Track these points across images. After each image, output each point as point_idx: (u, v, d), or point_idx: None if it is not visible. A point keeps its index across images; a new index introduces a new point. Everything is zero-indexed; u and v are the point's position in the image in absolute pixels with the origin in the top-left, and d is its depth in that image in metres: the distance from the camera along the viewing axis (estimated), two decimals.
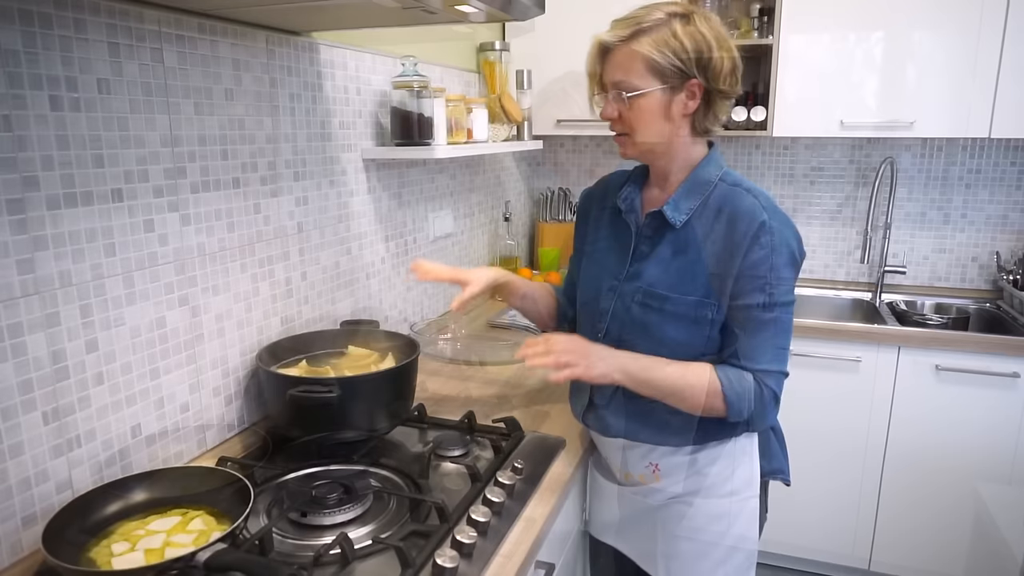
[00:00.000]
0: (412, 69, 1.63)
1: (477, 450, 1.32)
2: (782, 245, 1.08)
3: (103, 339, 1.06)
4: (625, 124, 1.14)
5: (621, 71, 1.10)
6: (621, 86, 1.11)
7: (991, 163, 2.48)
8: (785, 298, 1.10)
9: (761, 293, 1.09)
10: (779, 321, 1.11)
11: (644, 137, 1.13)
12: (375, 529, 1.05)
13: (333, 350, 1.45)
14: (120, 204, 1.07)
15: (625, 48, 1.09)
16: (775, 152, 2.70)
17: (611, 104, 1.13)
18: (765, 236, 1.07)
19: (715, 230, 1.11)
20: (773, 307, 1.09)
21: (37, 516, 0.98)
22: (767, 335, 1.10)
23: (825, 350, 2.18)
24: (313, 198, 1.52)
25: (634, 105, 1.11)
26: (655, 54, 1.07)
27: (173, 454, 1.21)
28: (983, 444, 2.10)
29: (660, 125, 1.12)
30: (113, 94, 1.04)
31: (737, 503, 1.20)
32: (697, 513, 1.20)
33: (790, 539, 2.37)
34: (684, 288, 1.12)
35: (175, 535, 0.95)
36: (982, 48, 2.11)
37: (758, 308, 1.09)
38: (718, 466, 1.19)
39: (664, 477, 1.22)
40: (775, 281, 1.08)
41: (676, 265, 1.14)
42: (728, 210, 1.11)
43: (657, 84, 1.09)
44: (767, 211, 1.09)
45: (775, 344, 1.11)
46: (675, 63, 1.08)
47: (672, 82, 1.09)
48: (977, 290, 2.56)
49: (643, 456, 1.23)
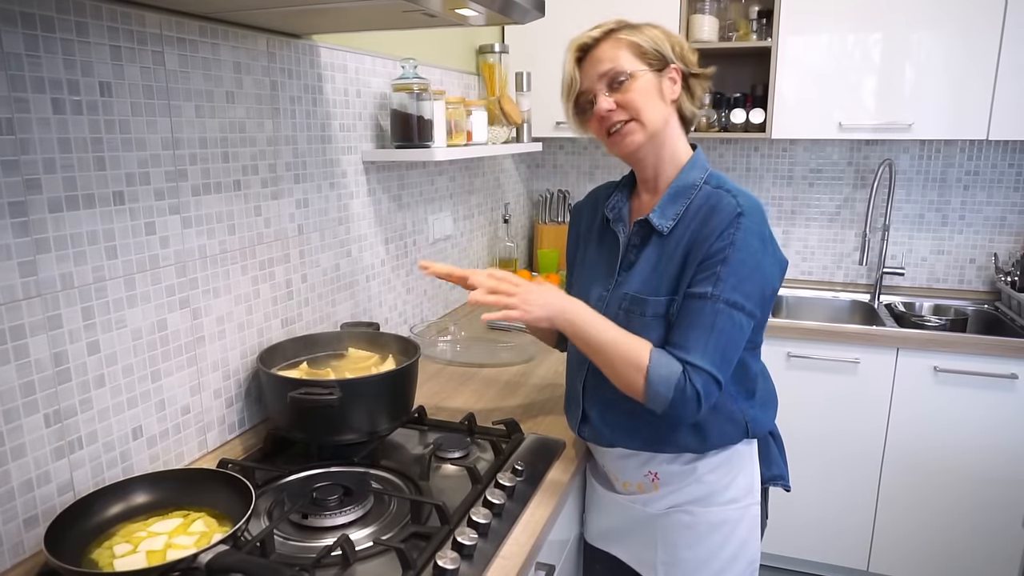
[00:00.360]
0: (412, 71, 1.64)
1: (477, 452, 1.32)
2: (744, 244, 1.06)
3: (104, 341, 1.06)
4: (628, 108, 1.12)
5: (607, 61, 1.12)
6: (612, 73, 1.12)
7: (989, 165, 2.48)
8: (731, 296, 1.05)
9: (707, 283, 1.06)
10: (720, 317, 1.05)
11: (649, 115, 1.12)
12: (376, 531, 1.05)
13: (333, 352, 1.46)
14: (121, 207, 1.07)
15: (608, 40, 1.13)
16: (774, 154, 2.71)
17: (604, 98, 1.13)
18: (729, 230, 1.06)
19: (692, 230, 1.11)
20: (716, 300, 1.05)
21: (39, 518, 0.99)
22: (704, 328, 1.05)
23: (824, 352, 2.19)
24: (313, 200, 1.53)
25: (631, 87, 1.12)
26: (639, 40, 1.12)
27: (174, 456, 1.22)
28: (981, 445, 2.10)
29: (658, 103, 1.13)
30: (115, 97, 1.05)
31: (738, 510, 1.20)
32: (698, 521, 1.19)
33: (788, 540, 2.37)
34: (660, 289, 1.12)
35: (177, 537, 0.96)
36: (980, 50, 2.12)
37: (699, 298, 1.06)
38: (718, 474, 1.19)
39: (663, 486, 1.22)
40: (724, 275, 1.05)
41: (660, 269, 1.13)
42: (706, 210, 1.11)
43: (644, 66, 1.12)
44: (742, 208, 1.08)
45: (712, 341, 1.05)
46: (657, 48, 1.13)
47: (657, 66, 1.13)
48: (975, 292, 2.57)
49: (641, 465, 1.23)
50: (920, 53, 2.17)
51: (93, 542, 0.94)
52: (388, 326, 1.87)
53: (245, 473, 1.12)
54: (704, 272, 1.07)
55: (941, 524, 2.20)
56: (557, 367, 1.77)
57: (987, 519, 2.15)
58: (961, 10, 2.11)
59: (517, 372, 1.75)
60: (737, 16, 2.54)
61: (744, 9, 2.53)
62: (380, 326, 1.62)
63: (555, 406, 1.52)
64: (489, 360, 1.82)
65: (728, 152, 2.76)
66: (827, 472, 2.28)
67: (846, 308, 2.60)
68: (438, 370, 1.78)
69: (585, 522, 1.39)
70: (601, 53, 1.13)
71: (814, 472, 2.29)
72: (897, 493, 2.22)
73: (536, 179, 3.01)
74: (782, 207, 2.74)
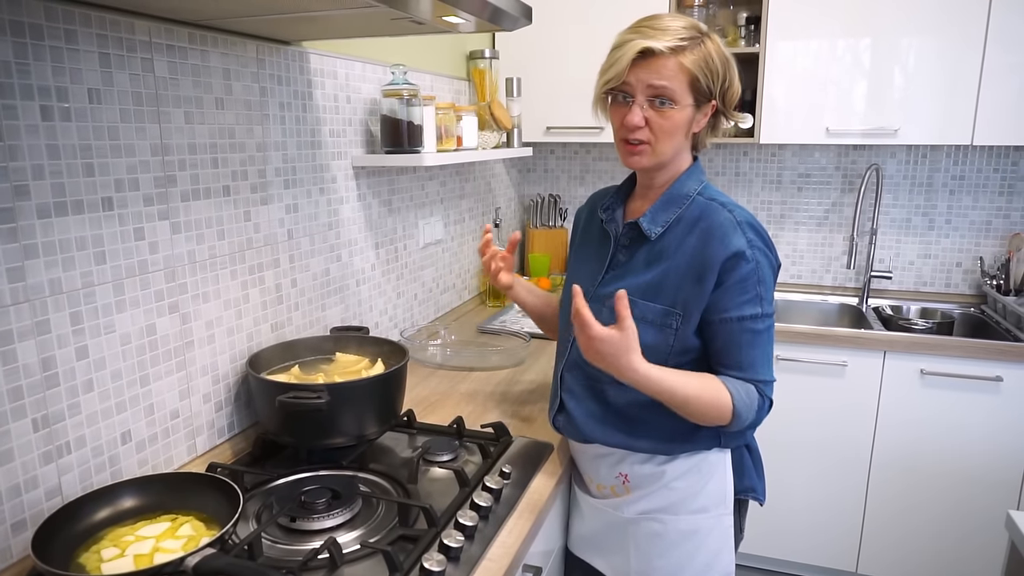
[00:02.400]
0: (402, 77, 1.65)
1: (466, 455, 1.33)
2: (763, 257, 1.11)
3: (93, 346, 1.07)
4: (653, 133, 1.11)
5: (665, 79, 1.08)
6: (663, 93, 1.08)
7: (974, 170, 2.51)
8: (771, 308, 1.14)
9: (753, 305, 1.11)
10: (770, 331, 1.14)
11: (666, 147, 1.13)
12: (363, 534, 1.06)
13: (323, 356, 1.47)
14: (110, 212, 1.08)
15: (673, 59, 1.07)
16: (763, 158, 2.73)
17: (638, 111, 1.10)
18: (749, 251, 1.09)
19: (688, 243, 1.13)
20: (766, 318, 1.12)
21: (27, 522, 0.99)
22: (762, 345, 1.13)
23: (812, 355, 2.21)
24: (303, 205, 1.54)
25: (668, 116, 1.10)
26: (699, 73, 1.09)
27: (163, 460, 1.22)
28: (967, 446, 2.13)
29: (679, 140, 1.14)
30: (104, 104, 1.05)
31: (709, 520, 1.20)
32: (668, 530, 1.20)
33: (775, 544, 2.38)
34: (653, 296, 1.14)
35: (164, 541, 0.96)
36: (964, 57, 2.14)
37: (751, 319, 1.11)
38: (687, 481, 1.19)
39: (634, 489, 1.23)
40: (764, 293, 1.11)
41: (649, 274, 1.16)
42: (703, 224, 1.13)
43: (691, 101, 1.11)
44: (742, 226, 1.11)
45: (768, 353, 1.14)
46: (711, 85, 1.10)
47: (701, 101, 1.12)
48: (961, 295, 2.59)
49: (613, 466, 1.24)
50: (906, 60, 2.20)
51: (81, 546, 0.95)
52: (378, 330, 1.88)
53: (234, 477, 1.13)
54: (743, 296, 1.10)
55: (928, 524, 2.22)
56: (547, 370, 1.78)
57: (971, 520, 2.17)
58: (946, 18, 2.14)
59: (507, 376, 1.76)
60: (726, 22, 2.57)
61: (732, 15, 2.55)
62: (370, 330, 1.63)
63: (543, 410, 1.53)
64: (479, 364, 1.83)
65: (717, 157, 2.78)
66: (815, 474, 2.29)
67: (834, 311, 2.62)
68: (428, 374, 1.79)
69: (568, 528, 1.40)
70: (659, 68, 1.08)
71: (802, 474, 2.30)
72: (884, 494, 2.24)
73: (527, 184, 3.02)
74: (771, 211, 2.76)
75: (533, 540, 1.13)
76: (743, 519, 1.28)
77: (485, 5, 1.13)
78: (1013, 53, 2.10)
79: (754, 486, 1.26)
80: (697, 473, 1.19)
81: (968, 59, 2.14)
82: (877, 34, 2.21)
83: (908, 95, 2.22)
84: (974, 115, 2.17)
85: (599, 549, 1.30)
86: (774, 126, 2.36)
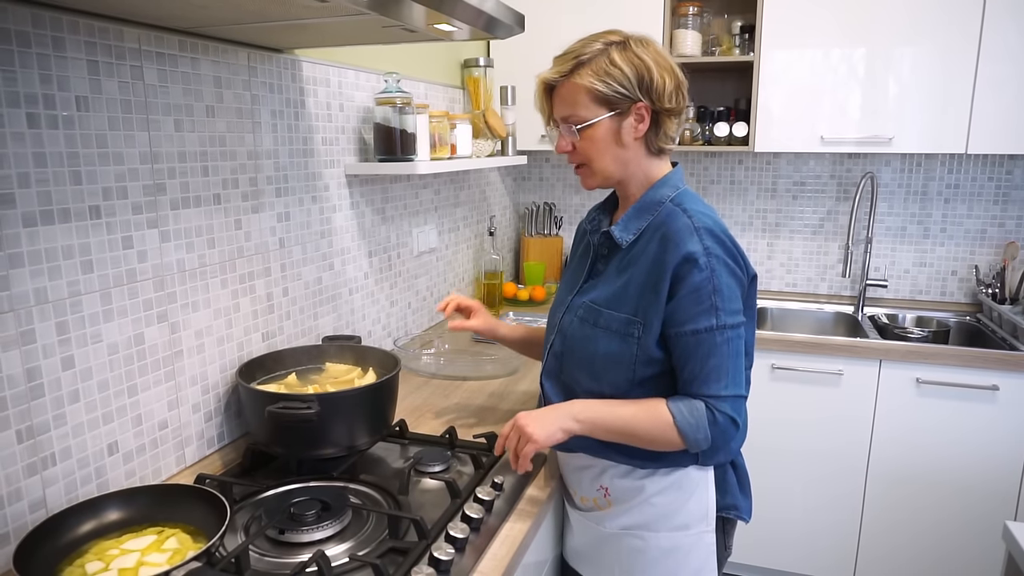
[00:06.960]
0: (395, 85, 1.64)
1: (458, 465, 1.31)
2: (721, 266, 1.07)
3: (79, 356, 1.06)
4: (581, 155, 1.15)
5: (567, 106, 1.12)
6: (570, 120, 1.12)
7: (969, 178, 2.51)
8: (733, 320, 1.08)
9: (708, 317, 1.06)
10: (730, 343, 1.08)
11: (601, 165, 1.15)
12: (353, 546, 1.04)
13: (314, 366, 1.45)
14: (98, 221, 1.07)
15: (567, 83, 1.11)
16: (758, 167, 2.73)
17: (564, 138, 1.15)
18: (704, 258, 1.06)
19: (648, 250, 1.12)
20: (724, 330, 1.07)
21: (10, 536, 0.97)
22: (718, 359, 1.07)
23: (807, 363, 2.20)
24: (295, 214, 1.53)
25: (585, 136, 1.12)
26: (597, 84, 1.09)
27: (151, 471, 1.21)
28: (963, 455, 2.11)
29: (614, 151, 1.13)
30: (92, 111, 1.04)
31: (690, 537, 1.18)
32: (649, 546, 1.18)
33: (771, 554, 2.37)
34: (618, 305, 1.13)
35: (149, 554, 0.95)
36: (958, 66, 2.15)
37: (706, 332, 1.07)
38: (667, 497, 1.17)
39: (615, 503, 1.21)
40: (720, 303, 1.06)
41: (619, 283, 1.15)
42: (663, 230, 1.11)
43: (604, 112, 1.11)
44: (699, 232, 1.07)
45: (727, 367, 1.08)
46: (618, 90, 1.09)
47: (619, 108, 1.10)
48: (957, 303, 2.59)
49: (594, 478, 1.23)
50: (900, 68, 2.20)
51: (64, 560, 0.93)
52: (372, 339, 1.87)
53: (223, 488, 1.11)
54: (698, 306, 1.06)
55: (924, 533, 2.20)
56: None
57: (968, 530, 2.16)
58: (940, 27, 2.14)
59: (501, 385, 1.75)
60: (720, 31, 2.57)
61: (727, 24, 2.55)
62: (363, 339, 1.61)
63: None
64: (473, 373, 1.82)
65: (712, 165, 2.78)
66: (810, 483, 2.28)
67: (830, 320, 2.62)
68: (422, 383, 1.77)
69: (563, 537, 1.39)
70: (561, 95, 1.13)
71: (797, 483, 2.29)
72: (881, 503, 2.23)
73: (522, 192, 3.02)
74: (766, 220, 2.76)
75: (525, 552, 1.12)
76: (728, 537, 1.25)
77: (478, 13, 1.13)
78: (1006, 62, 2.10)
79: (737, 504, 1.21)
80: (678, 489, 1.17)
81: (962, 68, 2.14)
82: (871, 43, 2.21)
83: (902, 103, 2.22)
84: (968, 123, 2.17)
85: (589, 561, 1.29)
86: (769, 134, 2.36)
